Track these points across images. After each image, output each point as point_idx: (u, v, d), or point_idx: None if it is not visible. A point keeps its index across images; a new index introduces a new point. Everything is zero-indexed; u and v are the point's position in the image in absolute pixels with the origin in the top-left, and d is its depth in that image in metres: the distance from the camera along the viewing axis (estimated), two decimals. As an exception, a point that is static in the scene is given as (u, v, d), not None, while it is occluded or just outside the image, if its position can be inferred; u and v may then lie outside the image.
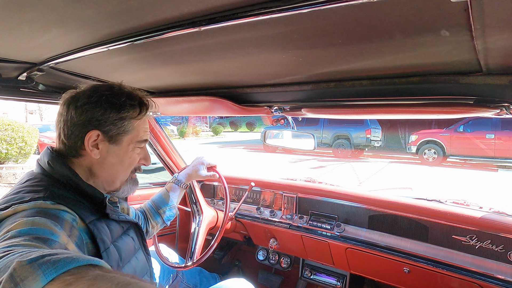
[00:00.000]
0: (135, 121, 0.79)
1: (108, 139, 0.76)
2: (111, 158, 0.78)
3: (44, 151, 0.77)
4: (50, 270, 0.37)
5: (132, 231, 0.88)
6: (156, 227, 1.19)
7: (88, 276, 0.38)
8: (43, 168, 0.74)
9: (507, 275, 1.08)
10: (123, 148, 0.79)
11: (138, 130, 0.80)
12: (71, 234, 0.62)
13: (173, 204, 1.23)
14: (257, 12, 0.48)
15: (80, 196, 0.72)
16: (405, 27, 0.53)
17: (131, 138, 0.79)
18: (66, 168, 0.73)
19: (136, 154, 0.83)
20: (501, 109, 0.79)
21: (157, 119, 1.75)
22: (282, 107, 1.17)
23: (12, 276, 0.36)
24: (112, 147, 0.77)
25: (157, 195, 1.23)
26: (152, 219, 1.18)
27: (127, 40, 0.64)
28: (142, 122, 0.82)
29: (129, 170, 0.83)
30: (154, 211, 1.19)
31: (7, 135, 6.22)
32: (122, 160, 0.80)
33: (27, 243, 0.48)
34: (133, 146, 0.80)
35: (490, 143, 8.37)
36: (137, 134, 0.80)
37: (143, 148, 0.86)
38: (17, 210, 0.59)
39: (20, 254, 0.41)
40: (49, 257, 0.39)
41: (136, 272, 0.83)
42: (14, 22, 0.58)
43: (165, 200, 1.21)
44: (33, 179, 0.71)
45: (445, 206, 1.27)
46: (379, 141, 11.25)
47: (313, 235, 1.52)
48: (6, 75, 0.93)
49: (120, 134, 0.77)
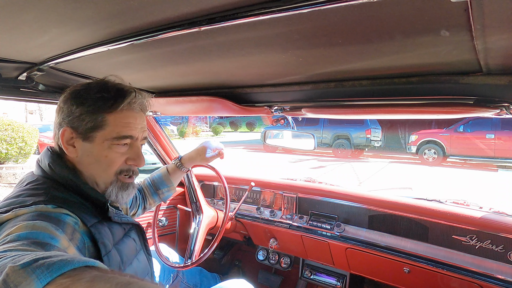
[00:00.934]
0: (109, 114, 0.71)
1: (81, 136, 0.72)
2: (86, 157, 0.73)
3: (44, 152, 0.77)
4: (44, 274, 0.36)
5: (133, 232, 0.88)
6: (153, 204, 1.23)
7: (85, 277, 0.37)
8: (43, 170, 0.73)
9: (507, 275, 1.08)
10: (96, 146, 0.72)
11: (115, 125, 0.72)
12: (72, 237, 0.61)
13: (172, 186, 1.24)
14: (257, 12, 0.48)
15: (82, 199, 0.71)
16: (405, 27, 0.53)
17: (105, 134, 0.71)
18: (67, 170, 0.72)
19: (116, 153, 0.73)
20: (501, 109, 0.79)
21: (157, 119, 1.75)
22: (282, 107, 1.17)
23: (5, 282, 0.35)
24: (85, 144, 0.72)
25: (157, 175, 1.24)
26: (150, 197, 1.21)
27: (127, 40, 0.64)
28: (121, 117, 0.73)
29: (109, 171, 0.75)
30: (153, 191, 1.22)
31: (7, 135, 6.22)
32: (98, 159, 0.73)
33: (24, 247, 0.47)
34: (109, 143, 0.72)
35: (490, 143, 8.37)
36: (113, 130, 0.72)
37: (132, 146, 0.77)
38: (18, 214, 0.58)
39: (13, 258, 0.40)
40: (43, 261, 0.38)
41: (138, 273, 0.82)
42: (14, 22, 0.58)
43: (165, 182, 1.23)
44: (34, 182, 0.70)
45: (445, 206, 1.27)
46: (379, 141, 11.25)
47: (313, 235, 1.52)
48: (6, 75, 0.93)
49: (91, 130, 0.71)
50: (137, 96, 0.76)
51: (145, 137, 0.82)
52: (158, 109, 1.48)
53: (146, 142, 1.77)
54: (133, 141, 0.76)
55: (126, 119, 0.74)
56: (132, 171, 0.78)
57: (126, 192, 0.78)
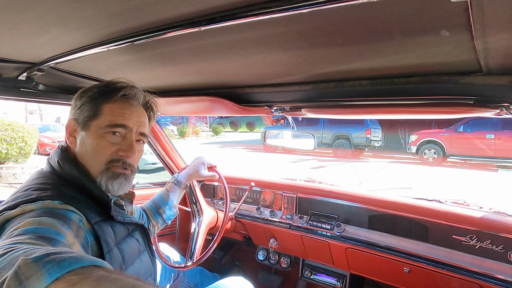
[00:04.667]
0: (105, 104, 0.75)
1: (81, 126, 0.76)
2: (81, 146, 0.76)
3: (55, 150, 0.79)
4: (55, 269, 0.37)
5: (137, 232, 0.88)
6: (156, 226, 1.19)
7: (92, 276, 0.38)
8: (52, 166, 0.75)
9: (507, 275, 1.08)
10: (90, 134, 0.75)
11: (110, 114, 0.75)
12: (77, 234, 0.62)
13: (173, 204, 1.23)
14: (257, 12, 0.48)
15: (87, 197, 0.72)
16: (405, 27, 0.53)
17: (99, 122, 0.75)
18: (76, 168, 0.73)
19: (107, 141, 0.75)
20: (501, 109, 0.79)
21: (157, 119, 1.75)
22: (282, 107, 1.17)
23: (16, 273, 0.36)
24: (82, 134, 0.76)
25: (157, 195, 1.23)
26: (153, 219, 1.18)
27: (127, 40, 0.64)
28: (117, 107, 0.76)
29: (99, 160, 0.75)
30: (155, 211, 1.19)
31: (7, 135, 6.22)
32: (90, 147, 0.75)
33: (31, 241, 0.48)
34: (103, 131, 0.74)
35: (490, 143, 8.37)
36: (107, 118, 0.75)
37: (126, 138, 0.77)
38: (25, 210, 0.59)
39: (24, 251, 0.41)
40: (54, 256, 0.39)
41: (140, 274, 0.83)
42: (14, 22, 0.58)
43: (165, 200, 1.21)
44: (42, 177, 0.72)
45: (445, 206, 1.27)
46: (379, 141, 11.24)
47: (313, 235, 1.52)
48: (6, 75, 0.93)
49: (88, 119, 0.75)
50: (132, 89, 0.79)
51: (142, 133, 0.82)
52: (158, 109, 1.48)
53: (146, 143, 1.78)
54: (127, 131, 0.77)
55: (121, 110, 0.77)
56: (123, 162, 0.77)
57: (116, 181, 0.77)
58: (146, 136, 0.84)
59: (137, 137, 0.81)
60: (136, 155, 0.80)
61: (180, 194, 1.28)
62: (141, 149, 0.85)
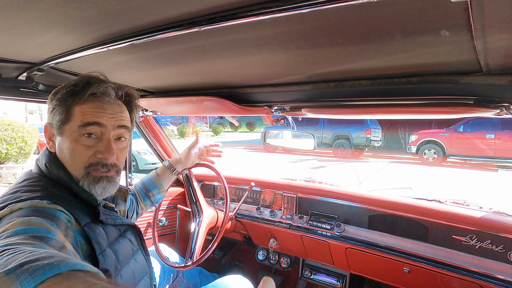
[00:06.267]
0: (75, 106, 0.72)
1: (56, 131, 0.74)
2: (60, 152, 0.74)
3: (43, 152, 0.78)
4: (28, 281, 0.37)
5: (129, 232, 0.88)
6: (145, 208, 1.23)
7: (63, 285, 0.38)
8: (40, 168, 0.75)
9: (507, 275, 1.08)
10: (65, 139, 0.72)
11: (81, 115, 0.71)
12: (66, 234, 0.61)
13: (162, 188, 1.25)
14: (257, 12, 0.48)
15: (76, 198, 0.72)
16: (405, 27, 0.53)
17: (71, 126, 0.71)
18: (63, 171, 0.73)
19: (81, 145, 0.71)
20: (501, 109, 0.79)
21: (157, 119, 1.75)
22: (282, 107, 1.17)
23: None
24: (59, 138, 0.74)
25: (147, 178, 1.26)
26: (142, 201, 1.21)
27: (127, 40, 0.64)
28: (87, 107, 0.72)
29: (77, 165, 0.72)
30: (144, 194, 1.22)
31: (7, 135, 6.22)
32: (67, 152, 0.72)
33: (24, 241, 0.48)
34: (77, 134, 0.71)
35: (490, 143, 8.36)
36: (78, 120, 0.71)
37: (102, 139, 0.73)
38: (13, 209, 0.59)
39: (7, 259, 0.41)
40: (29, 266, 0.38)
41: (135, 273, 0.83)
42: (14, 22, 0.58)
43: (155, 184, 1.24)
44: (31, 179, 0.72)
45: (445, 206, 1.27)
46: (379, 141, 11.24)
47: (313, 235, 1.52)
48: (6, 75, 0.93)
49: (61, 123, 0.72)
50: (102, 85, 0.73)
51: (121, 125, 0.76)
52: (158, 109, 1.48)
53: (146, 142, 1.78)
54: (102, 130, 0.73)
55: (92, 109, 0.72)
56: (102, 164, 0.73)
57: (98, 185, 0.73)
58: (128, 127, 0.79)
59: (117, 133, 0.76)
60: (116, 155, 0.76)
61: (170, 179, 1.30)
62: (123, 146, 0.79)
